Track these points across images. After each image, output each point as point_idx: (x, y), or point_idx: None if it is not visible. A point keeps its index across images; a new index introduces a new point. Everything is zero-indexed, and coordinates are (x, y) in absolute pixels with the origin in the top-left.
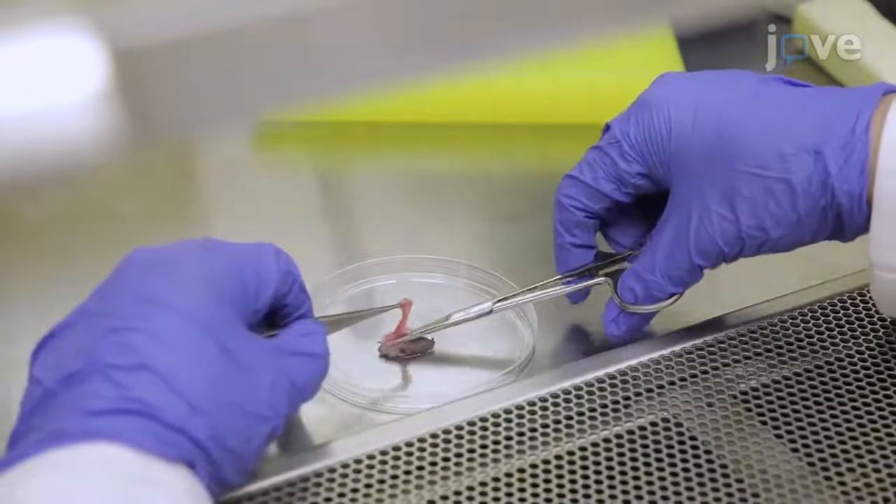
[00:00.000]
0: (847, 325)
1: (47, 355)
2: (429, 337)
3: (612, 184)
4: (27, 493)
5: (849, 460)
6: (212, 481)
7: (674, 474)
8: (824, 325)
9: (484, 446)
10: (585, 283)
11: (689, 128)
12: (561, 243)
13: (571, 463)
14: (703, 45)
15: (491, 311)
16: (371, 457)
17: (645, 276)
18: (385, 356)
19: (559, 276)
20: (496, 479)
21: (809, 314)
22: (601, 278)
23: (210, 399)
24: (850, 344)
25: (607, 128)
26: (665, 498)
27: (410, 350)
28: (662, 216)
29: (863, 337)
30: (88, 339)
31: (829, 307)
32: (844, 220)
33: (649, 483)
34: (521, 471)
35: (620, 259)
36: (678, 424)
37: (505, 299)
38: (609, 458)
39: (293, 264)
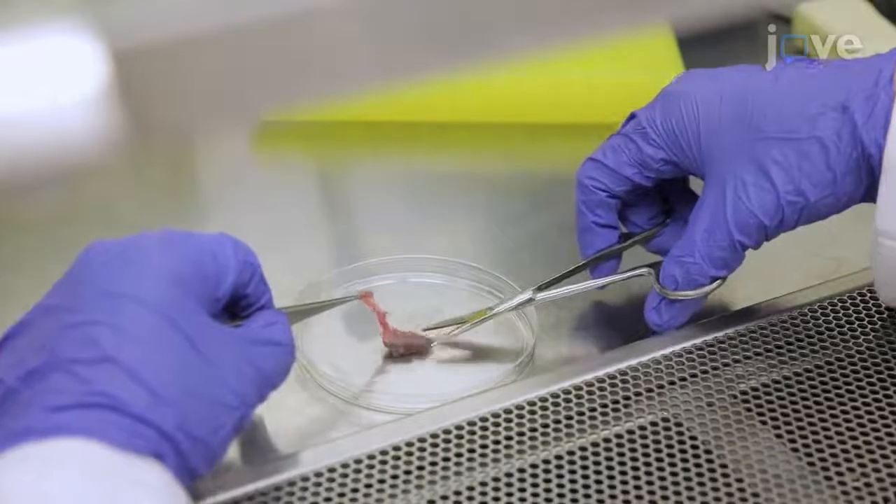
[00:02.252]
0: (847, 325)
1: (8, 355)
2: (429, 335)
3: (634, 168)
4: None
5: (849, 460)
6: (180, 471)
7: (674, 474)
8: (824, 325)
9: (484, 446)
10: (629, 275)
11: (717, 111)
12: (585, 224)
13: (572, 463)
14: (703, 45)
15: (531, 301)
16: (371, 457)
17: (685, 259)
18: (390, 354)
19: (584, 262)
20: (496, 479)
21: (810, 314)
22: (644, 269)
23: (175, 389)
24: (850, 343)
25: (632, 116)
26: (665, 498)
27: (411, 347)
28: (699, 200)
29: (863, 336)
30: (49, 334)
31: (830, 307)
32: (877, 174)
33: (649, 483)
34: (522, 471)
35: (640, 238)
36: (678, 424)
37: (546, 287)
38: (609, 458)
39: (252, 255)
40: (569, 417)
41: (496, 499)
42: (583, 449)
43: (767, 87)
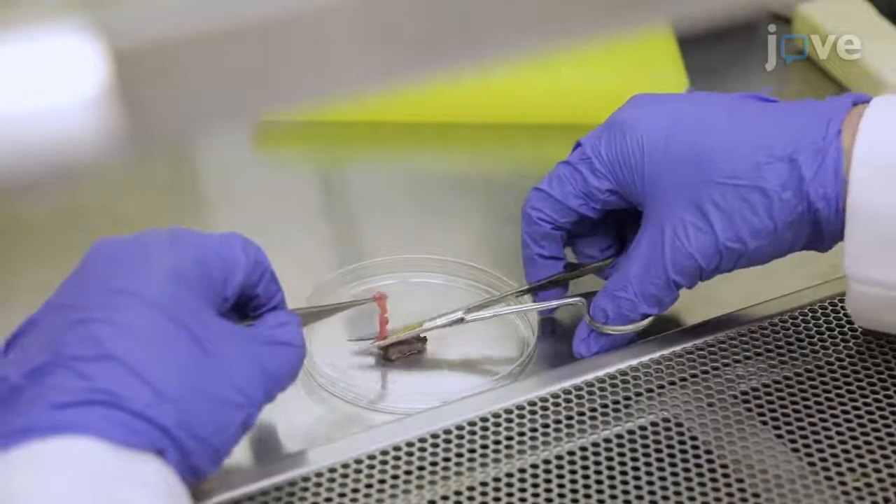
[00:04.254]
0: (847, 325)
1: (15, 353)
2: (421, 335)
3: (580, 199)
4: None
5: (849, 460)
6: (183, 469)
7: (674, 474)
8: (825, 325)
9: (484, 446)
10: (560, 302)
11: (663, 146)
12: (529, 255)
13: (572, 463)
14: (703, 45)
15: (462, 320)
16: (371, 457)
17: (618, 294)
18: (384, 357)
19: (527, 287)
20: (497, 480)
21: (810, 314)
22: (576, 298)
23: (178, 386)
24: (850, 344)
25: (577, 144)
26: (665, 498)
27: (402, 349)
28: (637, 235)
29: (863, 337)
30: (53, 332)
31: (830, 307)
32: (823, 226)
33: (650, 483)
34: (522, 471)
35: (589, 269)
36: (678, 424)
37: (478, 308)
38: (609, 459)
39: (262, 254)
40: (569, 417)
41: (497, 499)
42: (583, 449)
43: (717, 128)
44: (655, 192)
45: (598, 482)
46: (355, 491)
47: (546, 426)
